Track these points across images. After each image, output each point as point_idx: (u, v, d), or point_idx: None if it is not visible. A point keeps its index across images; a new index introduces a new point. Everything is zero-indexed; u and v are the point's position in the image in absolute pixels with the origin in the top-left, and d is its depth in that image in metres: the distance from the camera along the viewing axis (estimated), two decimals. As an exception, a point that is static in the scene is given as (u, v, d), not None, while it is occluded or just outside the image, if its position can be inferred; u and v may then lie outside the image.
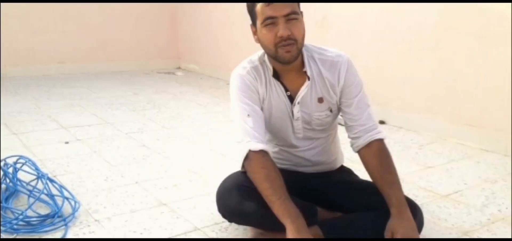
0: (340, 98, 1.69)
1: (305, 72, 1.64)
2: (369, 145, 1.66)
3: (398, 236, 1.48)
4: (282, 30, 1.53)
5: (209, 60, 5.69)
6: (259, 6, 1.56)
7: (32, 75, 5.23)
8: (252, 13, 1.61)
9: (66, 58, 5.59)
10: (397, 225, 1.51)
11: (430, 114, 3.24)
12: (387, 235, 1.52)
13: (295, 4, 1.56)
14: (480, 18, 2.87)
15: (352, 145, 1.72)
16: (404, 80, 3.40)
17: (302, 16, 1.60)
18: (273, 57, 1.60)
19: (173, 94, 4.59)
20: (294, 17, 1.54)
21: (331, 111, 1.71)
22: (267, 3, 1.53)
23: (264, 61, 1.68)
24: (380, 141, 1.67)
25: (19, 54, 5.23)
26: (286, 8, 1.52)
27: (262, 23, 1.56)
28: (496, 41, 2.81)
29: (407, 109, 3.39)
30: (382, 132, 1.69)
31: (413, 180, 2.39)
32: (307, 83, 1.65)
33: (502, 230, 1.86)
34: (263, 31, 1.57)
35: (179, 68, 6.22)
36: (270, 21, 1.54)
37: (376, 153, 1.65)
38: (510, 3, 2.69)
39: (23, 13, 5.22)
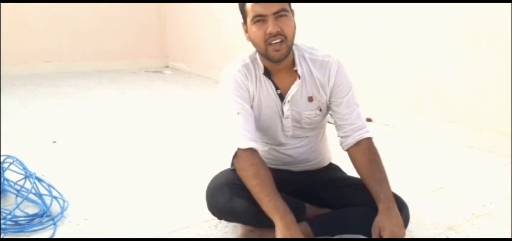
0: (330, 98, 1.71)
1: (296, 71, 1.66)
2: (358, 143, 1.69)
3: (385, 232, 1.51)
4: (271, 27, 1.54)
5: (197, 59, 5.69)
6: (249, 4, 1.57)
7: (19, 75, 5.18)
8: (243, 12, 1.62)
9: (53, 57, 5.54)
10: (384, 221, 1.53)
11: (416, 112, 3.29)
12: (374, 231, 1.54)
13: (285, 4, 1.57)
14: (465, 19, 2.92)
15: (341, 144, 1.75)
16: (391, 78, 3.44)
17: (293, 14, 1.61)
18: (264, 55, 1.62)
19: (161, 92, 4.58)
20: (283, 14, 1.55)
21: (320, 110, 1.73)
22: (256, 1, 1.54)
23: (255, 59, 1.69)
24: (369, 140, 1.70)
25: (5, 53, 5.18)
26: (275, 6, 1.54)
27: (251, 20, 1.57)
28: (481, 42, 2.86)
29: (393, 107, 3.43)
30: (370, 132, 1.72)
31: (400, 176, 2.42)
32: (297, 81, 1.66)
33: (487, 225, 1.90)
34: (253, 29, 1.58)
35: (167, 67, 6.21)
36: (260, 19, 1.55)
37: (365, 151, 1.68)
38: (496, 4, 2.74)
39: (9, 13, 5.17)
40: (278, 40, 1.55)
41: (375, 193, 1.61)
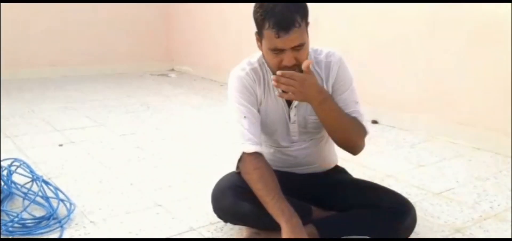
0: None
1: None
2: None
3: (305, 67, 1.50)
4: (287, 60, 1.50)
5: (203, 62, 5.69)
6: (268, 31, 1.50)
7: (25, 78, 5.21)
8: (259, 27, 1.56)
9: (58, 61, 5.56)
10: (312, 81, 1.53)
11: (422, 113, 3.27)
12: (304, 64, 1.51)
13: (304, 30, 1.51)
14: (471, 18, 2.91)
15: None
16: (396, 80, 3.43)
17: (307, 27, 1.55)
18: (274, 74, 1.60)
19: (167, 96, 4.59)
20: (300, 48, 1.51)
21: None
22: (277, 34, 1.47)
23: (263, 63, 1.68)
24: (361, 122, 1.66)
25: (11, 57, 5.20)
26: (295, 41, 1.49)
27: (269, 48, 1.53)
28: (487, 41, 2.84)
29: (399, 109, 3.42)
30: (368, 128, 1.68)
31: (406, 178, 2.41)
32: None
33: (494, 227, 1.89)
34: (269, 54, 1.54)
35: (172, 70, 6.22)
36: (278, 52, 1.51)
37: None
38: (502, 4, 2.72)
39: (15, 17, 5.20)
40: (292, 68, 1.52)
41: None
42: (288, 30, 1.46)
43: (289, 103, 1.68)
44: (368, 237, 1.58)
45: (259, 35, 1.58)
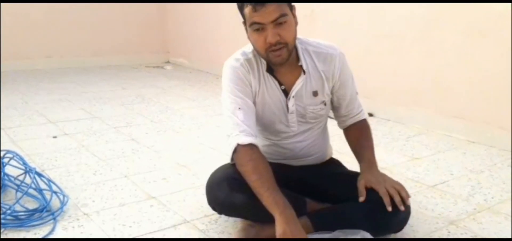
0: (333, 90, 1.72)
1: (301, 66, 1.65)
2: (355, 123, 1.80)
3: (369, 183, 1.60)
4: (270, 36, 1.50)
5: (198, 54, 5.67)
6: (246, 9, 1.52)
7: (19, 70, 5.17)
8: (242, 14, 1.58)
9: (53, 52, 5.53)
10: (367, 174, 1.64)
11: (418, 106, 3.27)
12: (360, 185, 1.61)
13: (284, 4, 1.52)
14: (467, 12, 2.90)
15: (339, 124, 1.85)
16: (392, 73, 3.43)
17: (293, 10, 1.57)
18: (265, 60, 1.61)
19: (162, 88, 4.57)
20: (282, 21, 1.51)
21: (325, 104, 1.72)
22: (254, 9, 1.49)
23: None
24: (364, 120, 1.82)
25: (6, 48, 5.16)
26: (273, 13, 1.49)
27: (250, 27, 1.54)
28: (483, 35, 2.84)
29: (395, 102, 3.42)
30: (365, 113, 1.83)
31: (401, 171, 2.41)
32: (302, 76, 1.65)
33: (488, 219, 1.90)
34: (253, 35, 1.56)
35: (168, 62, 6.19)
36: (258, 27, 1.52)
37: (358, 127, 1.80)
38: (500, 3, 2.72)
39: (10, 9, 5.16)
40: (278, 48, 1.53)
41: (360, 157, 1.73)
42: (264, 2, 1.49)
43: (286, 93, 1.68)
44: (361, 231, 1.58)
45: (244, 21, 1.60)
